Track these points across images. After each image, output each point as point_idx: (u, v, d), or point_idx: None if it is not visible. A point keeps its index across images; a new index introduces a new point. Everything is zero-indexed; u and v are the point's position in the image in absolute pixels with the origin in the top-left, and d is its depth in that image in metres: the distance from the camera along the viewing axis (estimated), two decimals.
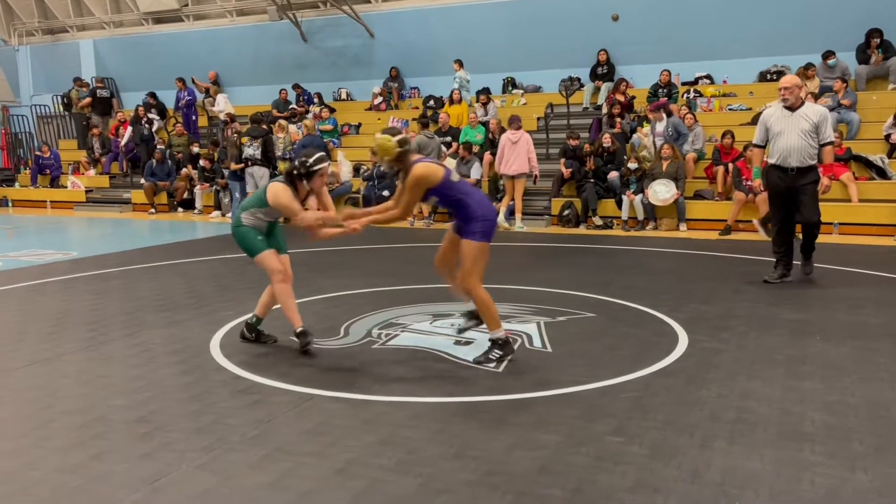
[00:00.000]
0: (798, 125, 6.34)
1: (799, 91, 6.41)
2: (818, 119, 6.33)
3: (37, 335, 5.09)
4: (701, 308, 5.68)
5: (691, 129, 11.65)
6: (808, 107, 6.44)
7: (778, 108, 6.50)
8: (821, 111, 6.45)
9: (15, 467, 3.00)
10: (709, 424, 3.37)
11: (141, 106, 16.74)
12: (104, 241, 10.75)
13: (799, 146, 6.35)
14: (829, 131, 6.39)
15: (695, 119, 11.80)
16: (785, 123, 6.40)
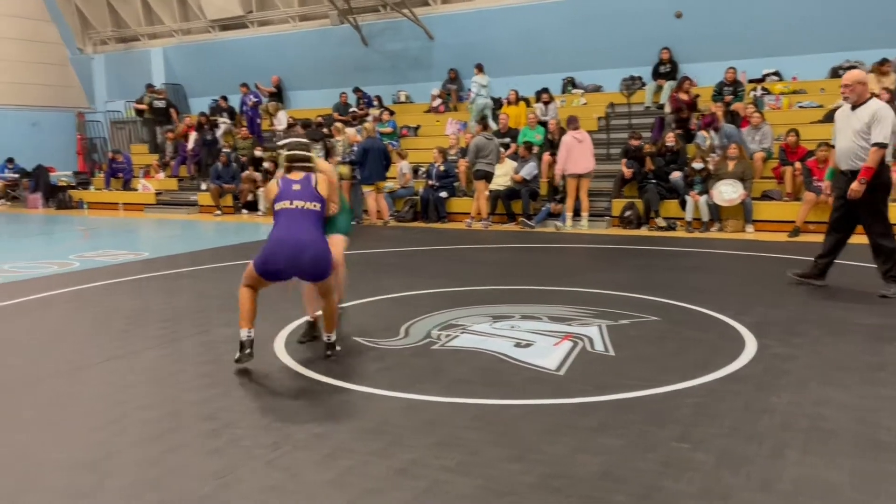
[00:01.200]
0: (851, 125, 5.97)
1: (862, 88, 5.95)
2: (870, 118, 5.85)
3: (112, 333, 5.29)
4: (770, 312, 5.51)
5: (758, 128, 11.32)
6: (867, 105, 5.94)
7: (846, 106, 6.14)
8: (874, 109, 5.88)
9: (92, 459, 3.13)
10: (780, 433, 3.26)
11: (203, 113, 17.30)
12: (173, 241, 11.11)
13: (848, 148, 6.00)
14: (879, 131, 5.81)
15: (762, 118, 11.46)
16: (843, 123, 6.07)
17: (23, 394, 4.00)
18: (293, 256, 4.16)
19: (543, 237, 10.42)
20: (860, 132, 5.89)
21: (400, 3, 16.02)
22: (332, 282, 4.39)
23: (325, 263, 4.23)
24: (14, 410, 3.75)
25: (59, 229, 13.14)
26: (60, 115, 21.49)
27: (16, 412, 3.72)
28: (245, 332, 4.30)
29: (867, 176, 5.82)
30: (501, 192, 12.00)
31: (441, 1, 16.34)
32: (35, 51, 20.95)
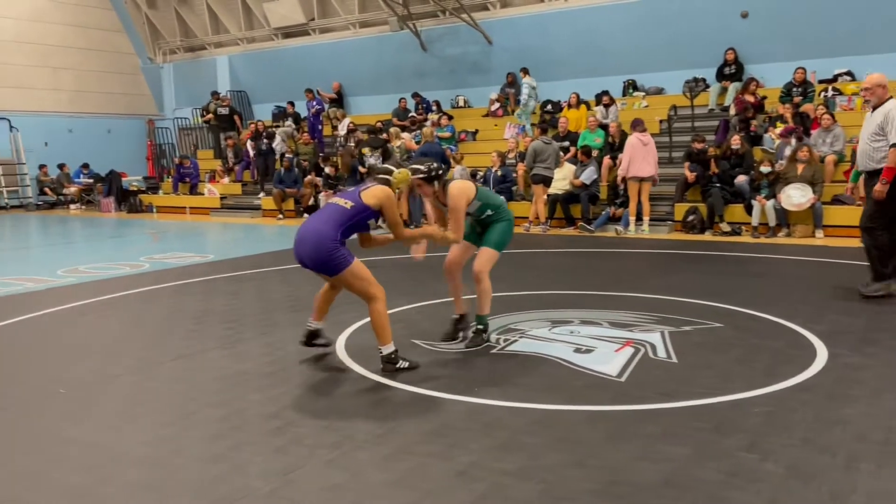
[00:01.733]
0: (868, 127, 6.05)
1: (882, 91, 5.99)
2: (882, 119, 5.89)
3: (181, 332, 5.47)
4: (842, 320, 5.31)
5: (830, 130, 10.93)
6: (883, 106, 5.96)
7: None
8: (888, 109, 5.89)
9: (162, 454, 3.24)
10: (853, 444, 3.14)
11: (260, 121, 17.78)
12: (238, 244, 11.40)
13: (863, 149, 6.11)
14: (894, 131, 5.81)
15: (833, 119, 11.06)
16: (865, 125, 6.16)
17: (99, 391, 4.17)
18: (296, 245, 4.27)
19: (603, 242, 10.29)
20: (874, 133, 5.97)
21: (459, 9, 16.09)
22: (360, 285, 4.25)
23: (324, 256, 4.12)
24: (91, 407, 3.91)
25: (130, 232, 13.64)
26: (132, 122, 22.35)
27: (93, 408, 3.88)
28: (309, 321, 4.72)
29: (888, 176, 5.85)
30: (560, 196, 11.90)
31: (500, 5, 16.34)
32: (109, 61, 21.84)
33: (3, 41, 19.46)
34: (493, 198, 4.91)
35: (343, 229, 4.21)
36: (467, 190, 4.68)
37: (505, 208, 4.91)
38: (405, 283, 7.17)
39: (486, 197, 4.83)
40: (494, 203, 4.85)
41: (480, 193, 4.79)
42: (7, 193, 19.45)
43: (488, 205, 4.80)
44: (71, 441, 3.42)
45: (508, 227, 4.87)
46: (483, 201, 4.79)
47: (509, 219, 4.87)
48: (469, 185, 4.76)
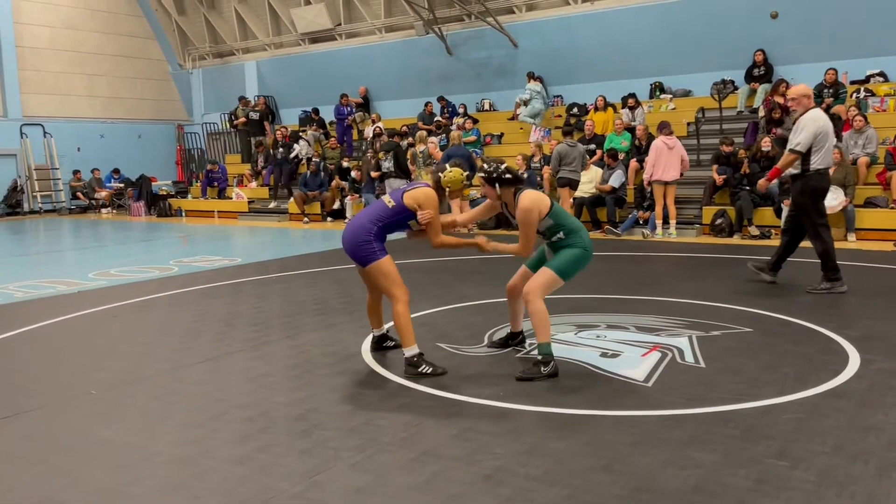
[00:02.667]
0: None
1: (807, 101, 6.37)
2: (795, 126, 6.34)
3: (209, 334, 5.53)
4: (875, 325, 5.21)
5: (862, 132, 10.75)
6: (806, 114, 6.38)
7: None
8: (801, 118, 6.33)
9: (191, 455, 3.28)
10: (887, 453, 3.08)
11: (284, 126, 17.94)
12: (265, 248, 11.51)
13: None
14: (795, 138, 6.27)
15: (866, 121, 10.87)
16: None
17: (130, 391, 4.23)
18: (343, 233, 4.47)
19: (630, 245, 10.21)
20: (790, 140, 6.39)
21: (484, 12, 16.10)
22: (384, 283, 4.33)
23: (356, 245, 4.30)
24: (122, 407, 3.97)
25: (159, 236, 13.84)
26: (162, 128, 22.70)
27: (124, 409, 3.94)
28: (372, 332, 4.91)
29: (773, 175, 6.54)
30: (586, 200, 11.84)
31: (526, 9, 16.33)
32: (139, 67, 22.23)
33: (39, 48, 19.90)
34: (569, 219, 4.42)
35: (381, 225, 4.34)
36: (540, 203, 4.28)
37: (581, 234, 4.38)
38: (430, 286, 7.18)
39: (559, 216, 4.36)
40: (569, 225, 4.36)
41: (554, 211, 4.35)
42: (41, 198, 19.86)
43: (561, 225, 4.33)
44: (102, 441, 3.48)
45: (581, 255, 4.32)
46: (555, 220, 4.34)
47: (584, 246, 4.33)
48: (543, 198, 4.34)
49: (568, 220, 4.38)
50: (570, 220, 4.41)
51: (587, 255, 4.35)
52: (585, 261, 4.36)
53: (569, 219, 4.41)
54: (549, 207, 4.29)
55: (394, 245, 4.59)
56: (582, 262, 4.35)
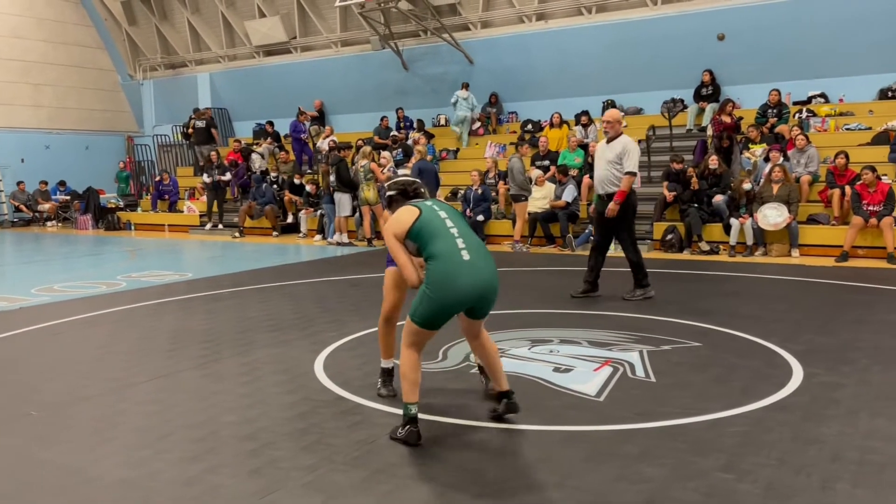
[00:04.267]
0: (606, 156, 6.96)
1: (619, 126, 6.97)
2: (621, 149, 6.85)
3: (157, 352, 5.40)
4: (817, 339, 5.37)
5: (804, 151, 11.11)
6: (619, 139, 6.92)
7: (603, 140, 7.17)
8: (624, 143, 6.87)
9: (136, 477, 3.18)
10: (829, 465, 3.17)
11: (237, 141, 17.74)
12: (217, 263, 11.32)
13: (604, 176, 6.99)
14: (629, 162, 6.84)
15: (807, 140, 11.25)
16: (600, 154, 7.07)
17: (73, 412, 4.09)
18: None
19: (584, 260, 10.30)
20: (613, 162, 6.89)
21: (440, 28, 16.22)
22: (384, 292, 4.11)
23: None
24: (64, 428, 3.83)
25: (107, 250, 13.49)
26: (111, 139, 22.18)
27: (65, 430, 3.81)
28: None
29: (621, 198, 6.90)
30: (539, 215, 11.96)
31: (481, 26, 16.49)
32: (88, 77, 21.71)
33: None
34: (430, 244, 3.42)
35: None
36: (396, 221, 3.54)
37: (434, 265, 3.38)
38: None
39: (419, 237, 3.46)
40: (427, 252, 3.44)
41: (414, 230, 3.47)
42: None
43: (421, 250, 3.49)
44: (42, 464, 3.35)
45: (422, 295, 3.42)
46: (417, 242, 3.48)
47: (427, 282, 3.40)
48: (404, 214, 3.54)
49: (427, 246, 3.43)
50: (430, 246, 3.42)
51: (431, 297, 3.35)
52: (433, 303, 3.36)
53: (430, 243, 3.43)
54: (407, 226, 3.47)
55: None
56: (427, 304, 3.38)
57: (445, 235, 3.45)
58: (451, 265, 3.37)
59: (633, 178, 6.96)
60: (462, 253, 3.41)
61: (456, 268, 3.36)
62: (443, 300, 3.36)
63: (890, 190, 9.73)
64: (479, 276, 3.41)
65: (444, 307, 3.39)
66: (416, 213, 3.52)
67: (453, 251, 3.40)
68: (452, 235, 3.46)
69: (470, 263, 3.40)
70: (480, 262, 3.46)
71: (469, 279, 3.38)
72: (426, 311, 3.41)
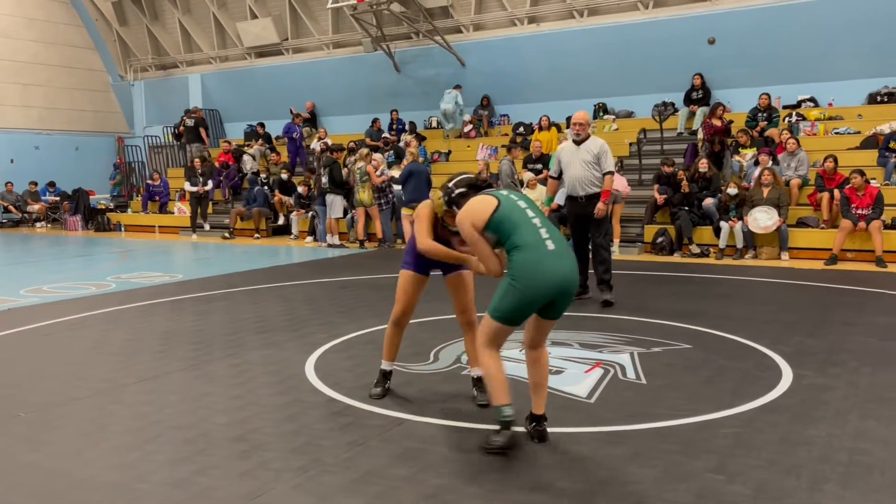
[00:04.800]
0: (581, 157, 6.90)
1: (589, 127, 7.02)
2: (598, 150, 6.85)
3: (147, 353, 5.37)
4: (806, 341, 5.40)
5: (794, 154, 11.17)
6: (592, 140, 6.93)
7: (569, 142, 7.14)
8: (600, 144, 6.90)
9: (124, 479, 3.16)
10: (818, 466, 3.18)
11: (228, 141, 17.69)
12: (207, 264, 11.27)
13: (583, 177, 6.92)
14: (608, 162, 6.88)
15: (798, 144, 11.31)
16: (571, 156, 6.97)
17: (61, 413, 4.07)
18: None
19: None
20: (591, 163, 6.88)
21: (432, 31, 16.23)
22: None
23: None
24: (52, 430, 3.81)
25: (97, 251, 13.42)
26: (101, 140, 22.08)
27: (54, 432, 3.78)
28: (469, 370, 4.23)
29: (608, 198, 6.95)
30: None
31: (473, 28, 16.52)
32: (78, 78, 21.61)
33: None
34: (514, 234, 3.28)
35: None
36: (472, 212, 3.39)
37: (518, 256, 3.25)
38: (378, 303, 7.15)
39: (500, 227, 3.33)
40: (510, 242, 3.30)
41: (494, 220, 3.32)
42: None
43: (502, 242, 3.37)
44: (30, 466, 3.33)
45: (507, 288, 3.28)
46: (497, 234, 3.35)
47: (512, 275, 3.27)
48: (481, 205, 3.38)
49: (510, 236, 3.31)
50: (514, 237, 3.30)
51: (518, 288, 3.22)
52: (519, 294, 3.23)
53: (514, 234, 3.30)
54: (486, 216, 3.33)
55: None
56: (511, 297, 3.26)
57: (528, 225, 3.31)
58: (537, 254, 3.22)
59: (613, 177, 7.01)
60: (547, 243, 3.27)
61: (543, 257, 3.22)
62: (531, 290, 3.20)
63: (878, 194, 9.80)
64: (565, 266, 3.27)
65: (531, 298, 3.22)
66: (494, 202, 3.35)
67: (538, 241, 3.26)
68: (535, 226, 3.31)
69: (556, 253, 3.26)
70: (565, 253, 3.32)
71: (557, 269, 3.22)
72: (511, 304, 3.25)
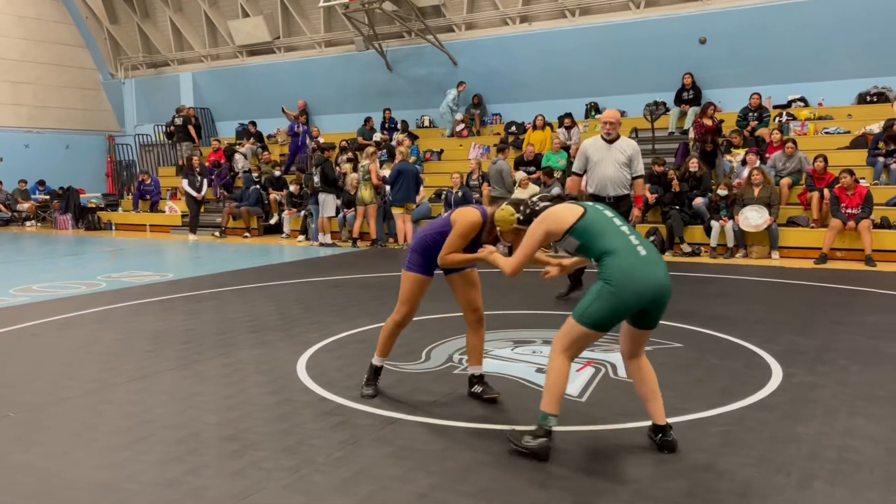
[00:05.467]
0: (613, 157, 6.84)
1: (619, 126, 6.94)
2: (632, 152, 6.82)
3: (137, 352, 5.35)
4: (796, 340, 5.42)
5: (792, 156, 11.19)
6: (624, 140, 6.91)
7: (597, 138, 7.07)
8: (633, 145, 6.91)
9: (115, 479, 3.15)
10: (807, 463, 3.20)
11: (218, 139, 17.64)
12: (198, 263, 11.24)
13: (615, 177, 6.86)
14: (640, 165, 6.88)
15: (796, 146, 11.31)
16: (602, 154, 6.89)
17: (51, 413, 4.05)
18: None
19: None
20: (624, 164, 6.83)
21: (424, 30, 16.22)
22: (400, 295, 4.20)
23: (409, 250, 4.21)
24: (42, 430, 3.79)
25: (87, 250, 13.36)
26: (92, 138, 21.97)
27: (43, 432, 3.76)
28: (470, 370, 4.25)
29: (641, 203, 7.03)
30: None
31: (465, 27, 16.52)
32: (69, 76, 21.50)
33: None
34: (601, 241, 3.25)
35: (426, 235, 4.08)
36: (555, 218, 3.38)
37: (611, 261, 3.21)
38: (370, 302, 7.14)
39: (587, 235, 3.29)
40: (598, 248, 3.26)
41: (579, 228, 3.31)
42: None
43: (589, 248, 3.31)
44: (19, 467, 3.31)
45: (599, 291, 3.22)
46: (582, 241, 3.31)
47: (605, 279, 3.21)
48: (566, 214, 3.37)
49: (599, 242, 3.26)
50: (603, 242, 3.26)
51: (613, 292, 3.17)
52: (614, 299, 3.17)
53: (602, 239, 3.26)
54: (568, 225, 3.31)
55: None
56: (605, 301, 3.19)
57: (617, 232, 3.31)
58: (630, 259, 3.20)
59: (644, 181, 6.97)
60: (638, 249, 3.25)
61: (636, 262, 3.20)
62: (624, 295, 3.16)
63: (868, 193, 9.86)
64: (658, 272, 3.23)
65: (625, 303, 3.18)
66: (579, 211, 3.36)
67: (630, 246, 3.25)
68: (624, 233, 3.31)
69: (648, 259, 3.23)
70: (657, 259, 3.28)
71: (650, 273, 3.20)
72: (603, 308, 3.20)
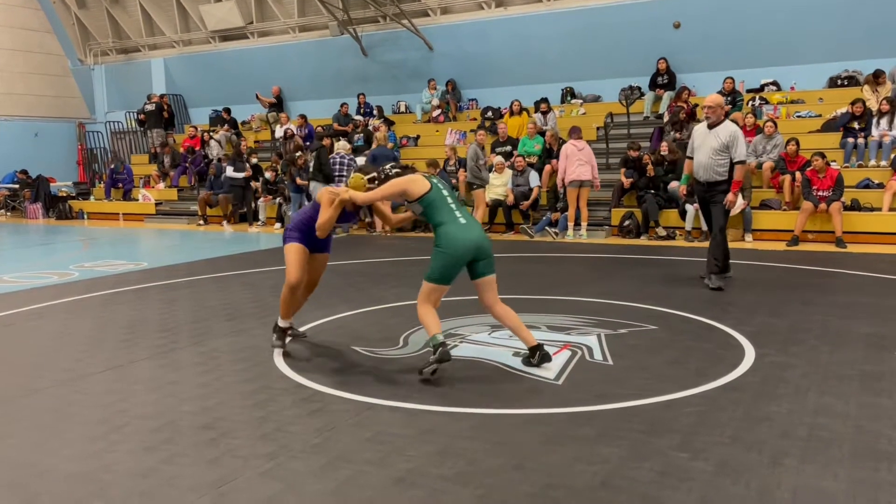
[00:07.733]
0: (709, 143, 6.77)
1: (721, 111, 6.81)
2: (728, 138, 6.69)
3: (112, 342, 5.29)
4: (768, 321, 5.51)
5: (771, 138, 11.30)
6: (724, 126, 6.77)
7: (703, 124, 6.99)
8: (732, 130, 6.72)
9: (90, 469, 3.12)
10: (779, 441, 3.26)
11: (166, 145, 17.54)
12: (173, 252, 11.12)
13: (708, 163, 6.81)
14: (740, 150, 6.71)
15: (775, 128, 11.39)
16: (702, 140, 6.87)
17: (23, 404, 3.99)
18: None
19: (542, 246, 10.42)
20: (718, 150, 6.72)
21: (399, 14, 16.10)
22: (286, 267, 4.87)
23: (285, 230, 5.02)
24: (13, 422, 3.74)
25: (59, 240, 13.15)
26: (61, 126, 21.57)
27: (15, 423, 3.71)
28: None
29: (738, 188, 6.85)
30: (500, 202, 12.01)
31: (440, 12, 16.42)
32: (36, 62, 21.05)
33: None
34: (438, 214, 4.39)
35: (302, 217, 4.94)
36: (410, 181, 4.44)
37: (443, 231, 4.35)
38: (345, 289, 7.12)
39: (430, 206, 4.43)
40: (435, 220, 4.40)
41: (427, 199, 4.42)
42: None
43: (429, 217, 4.44)
44: None
45: (437, 254, 4.33)
46: (425, 208, 4.45)
47: (438, 244, 4.33)
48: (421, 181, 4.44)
49: (435, 214, 4.37)
50: (438, 215, 4.36)
51: (443, 252, 4.27)
52: (445, 257, 4.27)
53: (438, 213, 4.37)
54: (420, 194, 4.37)
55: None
56: (439, 260, 4.29)
57: (447, 207, 4.42)
58: (453, 227, 4.33)
59: (745, 167, 6.89)
60: (460, 219, 4.38)
61: (457, 228, 4.32)
62: (453, 252, 4.27)
63: (839, 176, 10.00)
64: (474, 233, 4.35)
65: (455, 258, 4.27)
66: (427, 186, 4.42)
67: (454, 218, 4.38)
68: (451, 207, 4.42)
69: (467, 225, 4.36)
70: (474, 224, 4.43)
71: (468, 235, 4.31)
72: (439, 265, 4.30)
